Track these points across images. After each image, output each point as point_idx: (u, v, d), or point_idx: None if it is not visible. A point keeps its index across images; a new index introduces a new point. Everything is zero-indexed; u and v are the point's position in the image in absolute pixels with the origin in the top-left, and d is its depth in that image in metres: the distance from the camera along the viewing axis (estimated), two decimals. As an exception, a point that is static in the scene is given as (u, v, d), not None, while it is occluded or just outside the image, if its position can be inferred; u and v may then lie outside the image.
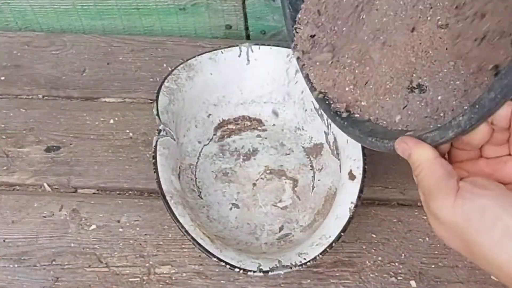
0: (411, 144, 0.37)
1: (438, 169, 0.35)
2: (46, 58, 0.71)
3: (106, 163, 0.60)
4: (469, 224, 0.33)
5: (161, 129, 0.51)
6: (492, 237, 0.32)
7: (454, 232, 0.34)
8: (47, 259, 0.52)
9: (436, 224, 0.35)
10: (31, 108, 0.65)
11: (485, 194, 0.33)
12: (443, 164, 0.35)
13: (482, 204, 0.32)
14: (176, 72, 0.56)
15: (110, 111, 0.65)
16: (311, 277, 0.52)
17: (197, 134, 0.60)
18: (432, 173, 0.35)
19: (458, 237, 0.34)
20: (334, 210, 0.49)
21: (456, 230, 0.34)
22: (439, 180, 0.34)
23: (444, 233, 0.35)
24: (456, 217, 0.33)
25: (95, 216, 0.56)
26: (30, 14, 0.76)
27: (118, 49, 0.72)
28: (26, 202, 0.56)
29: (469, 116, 0.32)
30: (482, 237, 0.32)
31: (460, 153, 0.39)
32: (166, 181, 0.48)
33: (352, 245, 0.54)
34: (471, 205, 0.33)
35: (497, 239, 0.32)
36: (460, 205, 0.33)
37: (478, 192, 0.33)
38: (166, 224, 0.55)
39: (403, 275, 0.52)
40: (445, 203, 0.34)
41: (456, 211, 0.33)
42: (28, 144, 0.61)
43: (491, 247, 0.32)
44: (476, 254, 0.33)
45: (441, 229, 0.35)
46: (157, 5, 0.74)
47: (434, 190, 0.35)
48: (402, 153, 0.38)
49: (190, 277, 0.51)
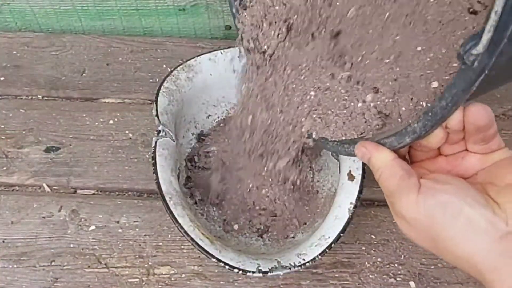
0: (370, 148, 0.39)
1: (398, 170, 0.36)
2: (46, 58, 0.71)
3: (106, 164, 0.60)
4: (433, 220, 0.33)
5: (161, 130, 0.51)
6: (455, 230, 0.33)
7: (420, 229, 0.35)
8: (47, 260, 0.52)
9: (403, 223, 0.36)
10: (31, 109, 0.65)
11: (446, 189, 0.34)
12: (402, 164, 0.37)
13: (443, 199, 0.33)
14: (176, 73, 0.56)
15: (109, 111, 0.65)
16: (310, 278, 0.52)
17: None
18: (392, 174, 0.36)
19: (424, 233, 0.35)
20: (333, 211, 0.49)
21: (421, 227, 0.35)
22: (400, 180, 0.35)
23: (410, 231, 0.36)
24: (420, 214, 0.34)
25: (94, 216, 0.56)
26: (29, 14, 0.75)
27: (118, 49, 0.72)
28: (26, 202, 0.56)
29: (424, 123, 0.34)
30: (446, 231, 0.33)
31: (419, 153, 0.40)
32: (165, 181, 0.48)
33: (352, 246, 0.54)
34: (433, 200, 0.33)
35: (460, 231, 0.32)
36: (423, 202, 0.34)
37: (439, 187, 0.34)
38: (166, 225, 0.55)
39: (402, 276, 0.52)
40: (408, 201, 0.34)
41: (419, 208, 0.34)
42: (27, 145, 0.61)
43: (455, 240, 0.33)
44: (443, 249, 0.34)
45: (408, 228, 0.36)
46: (157, 6, 0.74)
47: (396, 190, 0.35)
48: (362, 157, 0.39)
49: (189, 277, 0.51)
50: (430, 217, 0.34)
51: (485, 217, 0.32)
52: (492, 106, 0.63)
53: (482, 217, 0.32)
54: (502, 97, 0.66)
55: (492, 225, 0.32)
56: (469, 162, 0.37)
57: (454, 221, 0.33)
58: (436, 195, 0.34)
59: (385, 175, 0.37)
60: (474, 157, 0.37)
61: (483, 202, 0.33)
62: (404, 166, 0.36)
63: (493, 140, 0.36)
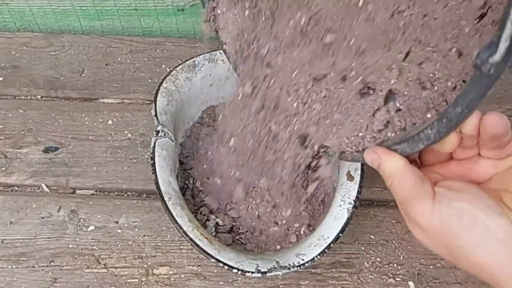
0: (381, 153, 0.38)
1: (411, 177, 0.35)
2: (45, 58, 0.71)
3: (105, 164, 0.60)
4: (449, 228, 0.33)
5: (159, 130, 0.51)
6: (472, 239, 0.32)
7: (436, 237, 0.34)
8: (46, 260, 0.52)
9: (417, 231, 0.36)
10: (30, 109, 0.65)
11: (461, 197, 0.33)
12: (414, 171, 0.36)
13: (459, 208, 0.33)
14: (175, 73, 0.56)
15: (108, 112, 0.65)
16: (310, 278, 0.52)
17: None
18: (405, 181, 0.36)
19: (440, 241, 0.34)
20: (332, 211, 0.49)
21: (437, 235, 0.34)
22: (414, 187, 0.35)
23: (426, 239, 0.36)
24: (435, 222, 0.34)
25: (93, 217, 0.56)
26: (28, 14, 0.75)
27: (117, 50, 0.72)
28: (25, 203, 0.56)
29: (438, 129, 0.34)
30: (463, 240, 0.33)
31: (430, 157, 0.39)
32: (164, 182, 0.48)
33: (351, 246, 0.54)
34: (448, 209, 0.33)
35: (477, 240, 0.32)
36: (438, 211, 0.33)
37: (454, 196, 0.33)
38: (165, 225, 0.55)
39: (401, 276, 0.52)
40: (423, 209, 0.34)
41: (435, 217, 0.34)
42: (26, 145, 0.61)
43: (472, 248, 0.33)
44: (458, 256, 0.34)
45: (423, 236, 0.36)
46: (156, 6, 0.74)
47: (410, 197, 0.35)
48: (371, 163, 0.38)
49: (188, 278, 0.51)
50: (446, 226, 0.33)
51: (502, 227, 0.32)
52: (491, 106, 0.64)
53: (499, 227, 0.32)
54: (501, 97, 0.66)
55: (509, 234, 0.32)
56: (482, 167, 0.37)
57: (470, 230, 0.32)
58: (451, 204, 0.33)
59: (397, 182, 0.36)
60: (487, 161, 0.37)
61: (499, 211, 0.32)
62: (417, 172, 0.36)
63: (508, 145, 0.35)
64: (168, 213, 0.45)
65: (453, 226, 0.33)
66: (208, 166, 0.55)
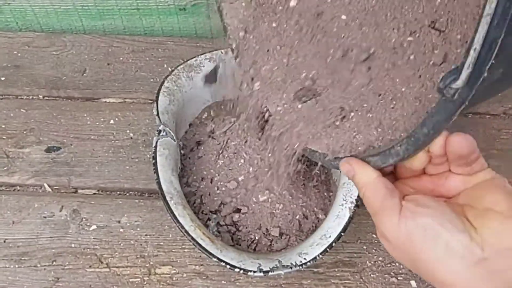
0: (355, 165, 0.39)
1: (381, 189, 0.37)
2: (47, 58, 0.71)
3: (107, 164, 0.60)
4: (413, 243, 0.34)
5: (161, 130, 0.51)
6: (434, 255, 0.33)
7: (401, 250, 0.35)
8: (48, 260, 0.52)
9: (385, 242, 0.37)
10: (32, 109, 0.65)
11: (426, 212, 0.34)
12: (385, 183, 0.37)
13: (423, 223, 0.34)
14: (176, 73, 0.56)
15: (110, 111, 0.65)
16: (312, 277, 0.52)
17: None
18: (375, 192, 0.37)
19: (405, 254, 0.35)
20: (334, 209, 0.49)
21: (402, 248, 0.35)
22: (383, 199, 0.36)
23: (392, 251, 0.37)
24: (400, 235, 0.35)
25: (95, 216, 0.56)
26: (30, 14, 0.76)
27: (119, 49, 0.72)
28: (27, 202, 0.56)
29: (406, 147, 0.35)
30: (425, 254, 0.34)
31: (404, 170, 0.40)
32: (166, 181, 0.48)
33: (353, 245, 0.54)
34: (413, 224, 0.34)
35: (439, 256, 0.33)
36: (404, 224, 0.34)
37: (419, 211, 0.34)
38: (167, 225, 0.55)
39: (403, 275, 0.52)
40: (390, 222, 0.35)
41: (400, 230, 0.35)
42: (28, 145, 0.61)
43: (433, 264, 0.34)
44: (422, 270, 0.35)
45: (390, 247, 0.37)
46: (158, 5, 0.74)
47: (379, 210, 0.36)
48: (346, 173, 0.40)
49: (190, 277, 0.52)
50: (410, 239, 0.34)
51: (462, 242, 0.32)
52: (492, 104, 0.64)
53: (459, 243, 0.32)
54: (503, 96, 0.66)
55: (469, 250, 0.32)
56: (453, 182, 0.38)
57: (432, 245, 0.33)
58: (416, 218, 0.34)
59: (369, 193, 0.37)
60: (458, 177, 0.38)
61: (461, 227, 0.33)
62: (388, 185, 0.37)
63: (475, 162, 0.36)
64: (170, 213, 0.46)
65: (417, 240, 0.34)
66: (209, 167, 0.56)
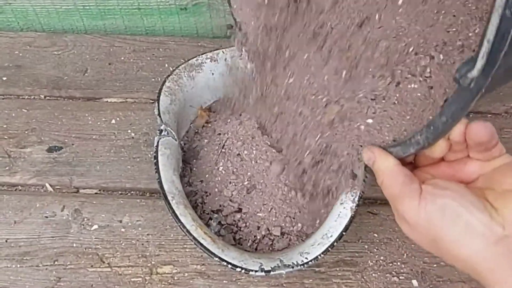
0: (376, 153, 0.41)
1: (400, 175, 0.38)
2: (48, 58, 0.71)
3: (108, 163, 0.60)
4: (433, 223, 0.35)
5: (163, 129, 0.51)
6: (454, 234, 0.34)
7: (421, 232, 0.37)
8: (49, 259, 0.52)
9: (406, 226, 0.38)
10: (33, 109, 0.65)
11: (445, 194, 0.35)
12: (404, 170, 0.39)
13: (443, 203, 0.35)
14: (177, 72, 0.56)
15: (112, 111, 0.65)
16: (313, 276, 0.52)
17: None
18: (394, 179, 0.38)
19: (425, 236, 0.37)
20: (336, 209, 0.49)
21: (422, 230, 0.36)
22: (403, 185, 0.37)
23: (412, 233, 0.38)
24: (421, 218, 0.36)
25: (97, 216, 0.56)
26: (31, 14, 0.76)
27: (120, 49, 0.72)
28: (28, 202, 0.57)
29: (426, 136, 0.37)
30: (446, 234, 0.35)
31: (423, 158, 0.42)
32: (167, 181, 0.48)
33: (354, 244, 0.54)
34: (433, 205, 0.35)
35: (459, 235, 0.34)
36: (424, 207, 0.36)
37: (438, 192, 0.35)
38: (168, 224, 0.55)
39: (405, 274, 0.52)
40: (410, 206, 0.36)
41: (420, 213, 0.36)
42: (30, 145, 0.61)
43: (454, 243, 0.35)
44: (443, 250, 0.36)
45: (410, 231, 0.38)
46: (159, 5, 0.74)
47: (399, 195, 0.37)
48: (367, 160, 0.42)
49: (192, 277, 0.52)
50: (430, 221, 0.35)
51: (482, 221, 0.33)
52: (494, 103, 0.64)
53: (479, 222, 0.33)
54: (504, 94, 0.66)
55: (489, 229, 0.33)
56: (471, 168, 0.39)
57: (453, 225, 0.34)
58: (436, 200, 0.35)
59: (388, 180, 0.39)
60: (476, 163, 0.38)
61: (481, 207, 0.34)
62: (406, 172, 0.38)
63: (494, 148, 0.37)
64: (171, 212, 0.46)
65: (437, 221, 0.35)
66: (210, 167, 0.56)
